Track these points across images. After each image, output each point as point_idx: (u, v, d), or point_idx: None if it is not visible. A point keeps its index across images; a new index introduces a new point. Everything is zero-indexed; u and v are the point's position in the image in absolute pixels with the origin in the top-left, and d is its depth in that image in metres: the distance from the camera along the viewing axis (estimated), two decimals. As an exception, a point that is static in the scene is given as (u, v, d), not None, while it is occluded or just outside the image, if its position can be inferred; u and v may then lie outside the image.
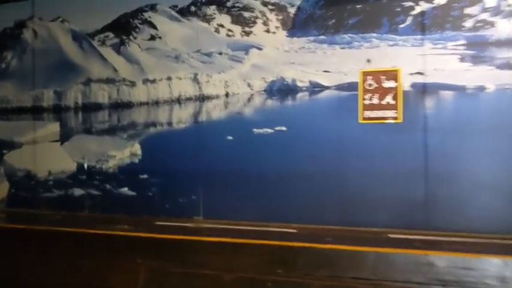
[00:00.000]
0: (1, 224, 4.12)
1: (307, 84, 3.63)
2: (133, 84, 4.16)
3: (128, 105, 4.17)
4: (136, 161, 4.14)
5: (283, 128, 3.66)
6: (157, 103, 4.10)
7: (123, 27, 4.20)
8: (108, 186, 4.20)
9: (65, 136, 4.35)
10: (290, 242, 3.18)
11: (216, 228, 3.78)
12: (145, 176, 4.10)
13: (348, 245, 3.03)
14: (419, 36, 3.34)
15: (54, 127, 4.37)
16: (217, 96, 3.93)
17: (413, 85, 3.32)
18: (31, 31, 4.48)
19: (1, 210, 4.52)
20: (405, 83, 3.33)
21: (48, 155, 4.38)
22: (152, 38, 4.14)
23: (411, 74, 3.31)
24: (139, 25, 4.17)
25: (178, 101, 4.04)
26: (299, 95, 3.67)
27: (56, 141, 4.37)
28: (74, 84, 4.32)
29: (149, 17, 4.15)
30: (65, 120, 4.36)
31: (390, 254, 2.92)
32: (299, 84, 3.66)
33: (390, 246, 3.02)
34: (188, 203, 3.96)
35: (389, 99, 3.38)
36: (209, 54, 3.95)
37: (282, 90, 3.71)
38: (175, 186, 4.02)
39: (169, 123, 4.08)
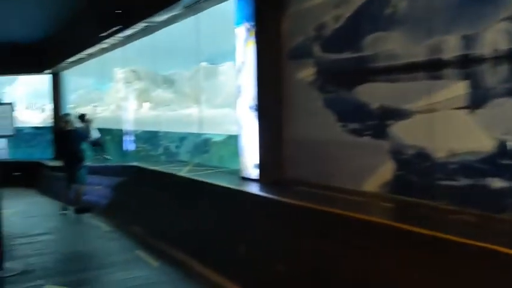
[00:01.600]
0: (389, 222, 3.13)
1: None
2: None
3: None
4: None
5: None
6: None
7: None
8: (550, 179, 2.63)
9: (476, 101, 2.97)
10: None
11: None
12: None
13: None
14: None
15: (459, 88, 3.07)
16: None
17: None
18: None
19: (384, 197, 3.57)
20: None
21: (451, 127, 3.13)
22: None
23: None
24: None
25: None
26: None
27: (463, 108, 3.05)
28: (492, 22, 2.87)
29: None
30: (476, 77, 2.97)
31: None
32: None
33: None
34: None
35: None
36: None
37: None
38: None
39: None
